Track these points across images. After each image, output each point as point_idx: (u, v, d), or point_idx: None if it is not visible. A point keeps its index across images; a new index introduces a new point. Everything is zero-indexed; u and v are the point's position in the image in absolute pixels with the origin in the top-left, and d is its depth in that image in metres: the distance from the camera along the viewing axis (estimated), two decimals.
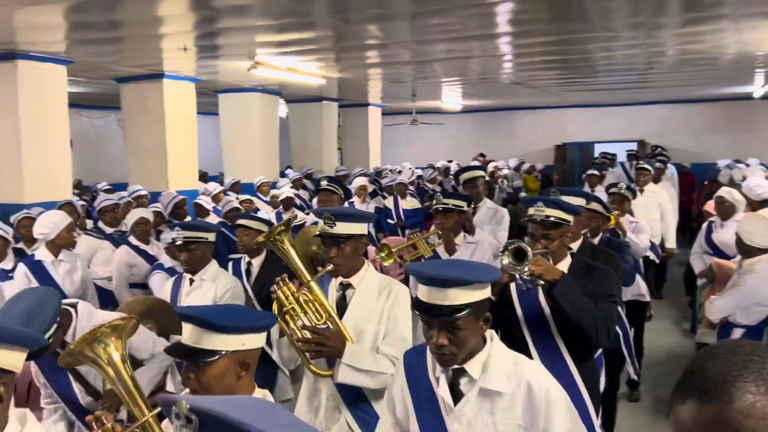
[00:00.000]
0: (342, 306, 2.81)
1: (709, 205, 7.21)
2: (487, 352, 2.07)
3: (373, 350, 2.70)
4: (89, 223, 7.08)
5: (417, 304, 2.02)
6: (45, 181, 7.16)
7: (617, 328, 4.24)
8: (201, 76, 9.24)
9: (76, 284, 4.80)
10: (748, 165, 10.59)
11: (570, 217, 2.84)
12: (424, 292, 2.00)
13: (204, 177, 12.01)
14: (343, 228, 2.72)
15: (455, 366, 2.03)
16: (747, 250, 3.99)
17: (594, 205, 3.82)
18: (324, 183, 5.33)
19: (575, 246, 3.43)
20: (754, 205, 5.95)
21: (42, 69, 7.12)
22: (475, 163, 14.45)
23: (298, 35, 6.58)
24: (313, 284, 2.75)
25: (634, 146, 16.10)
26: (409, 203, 9.20)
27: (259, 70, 7.68)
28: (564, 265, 2.86)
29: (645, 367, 6.18)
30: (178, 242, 3.79)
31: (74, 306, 3.14)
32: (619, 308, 3.47)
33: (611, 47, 7.85)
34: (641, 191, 7.03)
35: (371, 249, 5.92)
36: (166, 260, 5.06)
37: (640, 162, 8.06)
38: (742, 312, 3.92)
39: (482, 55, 8.32)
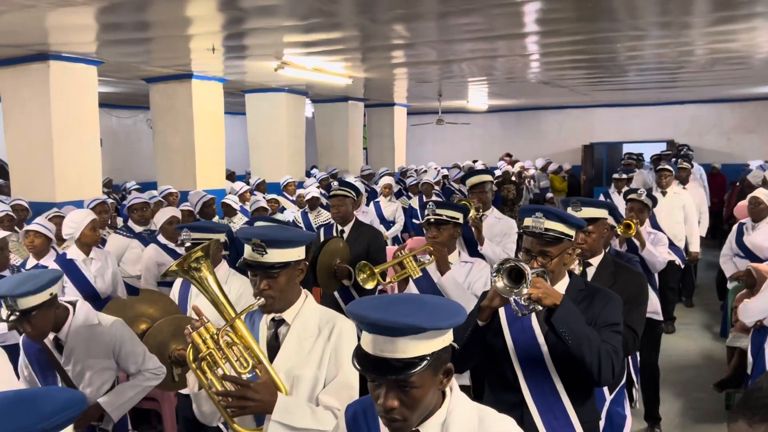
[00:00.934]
0: (274, 347, 2.37)
1: (738, 208, 7.08)
2: (447, 410, 1.70)
3: (311, 402, 2.29)
4: (119, 222, 7.19)
5: (359, 357, 1.60)
6: (76, 180, 7.28)
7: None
8: (228, 76, 9.31)
9: (108, 282, 4.87)
10: None
11: (572, 232, 2.49)
12: (368, 342, 1.58)
13: (231, 176, 12.11)
14: (276, 255, 2.29)
15: None
16: None
17: (610, 217, 3.50)
18: (335, 186, 5.12)
19: (596, 260, 3.22)
20: None
21: (73, 69, 7.24)
22: (501, 163, 14.38)
23: (325, 35, 6.59)
24: (238, 322, 2.29)
25: (663, 146, 15.90)
26: None
27: (285, 70, 7.72)
28: (561, 287, 2.51)
29: (675, 371, 6.09)
30: (187, 244, 3.74)
31: (73, 304, 3.17)
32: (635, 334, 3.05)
33: (640, 46, 7.74)
34: (664, 193, 6.86)
35: (390, 249, 5.90)
36: None
37: (661, 163, 7.92)
38: None
39: (509, 54, 8.26)
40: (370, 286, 3.48)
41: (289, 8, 5.40)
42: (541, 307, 2.30)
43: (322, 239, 4.88)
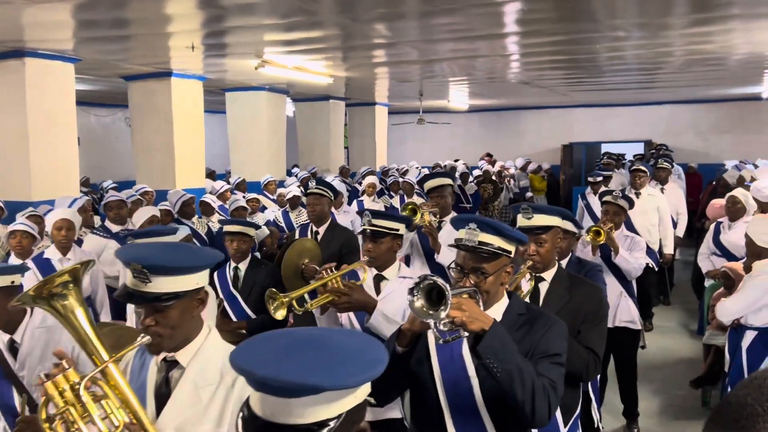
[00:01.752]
0: (164, 395, 1.93)
1: (710, 208, 7.17)
2: None
3: None
4: (96, 221, 7.10)
5: (245, 421, 1.19)
6: (52, 178, 7.18)
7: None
8: (208, 75, 9.25)
9: (84, 283, 4.79)
10: (756, 166, 10.53)
11: (511, 247, 2.21)
12: (256, 401, 1.19)
13: (211, 175, 12.03)
14: (163, 284, 1.83)
15: None
16: (757, 252, 3.96)
17: (566, 224, 3.13)
18: (312, 185, 5.04)
19: (550, 274, 2.93)
20: (763, 207, 5.92)
21: (50, 67, 7.13)
22: (482, 163, 14.44)
23: (306, 34, 6.57)
24: (112, 367, 1.80)
25: (641, 146, 16.08)
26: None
27: (266, 68, 7.69)
28: (498, 310, 2.23)
29: (653, 368, 6.16)
30: None
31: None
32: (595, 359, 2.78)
33: (618, 47, 7.81)
34: (638, 194, 6.79)
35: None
36: None
37: (635, 163, 7.87)
38: (754, 314, 3.90)
39: (490, 54, 8.30)
40: (279, 316, 2.85)
41: (270, 6, 5.37)
42: (467, 333, 2.01)
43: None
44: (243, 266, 4.40)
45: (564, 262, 3.45)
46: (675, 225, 7.52)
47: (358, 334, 1.56)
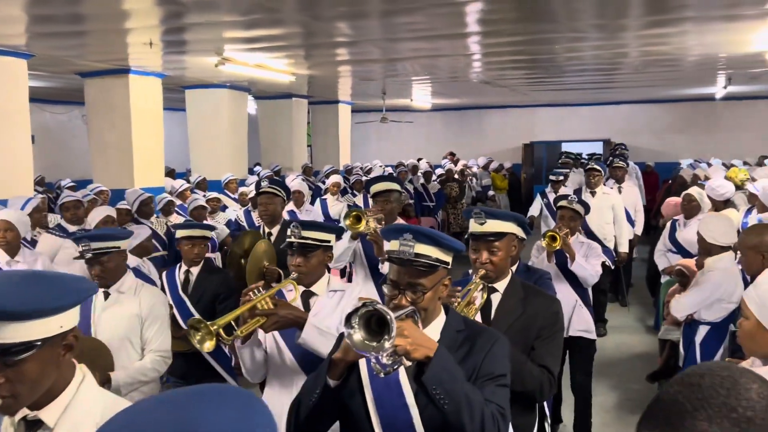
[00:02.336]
0: None
1: (664, 206, 7.34)
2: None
3: None
4: (52, 221, 6.93)
5: None
6: (5, 177, 6.98)
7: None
8: (168, 72, 9.10)
9: None
10: (710, 165, 10.81)
11: (449, 258, 2.03)
12: None
13: (171, 174, 11.84)
14: (14, 332, 1.48)
15: None
16: (708, 249, 4.08)
17: (518, 230, 2.87)
18: (265, 185, 4.91)
19: (503, 285, 2.72)
20: (717, 205, 6.08)
21: (1, 63, 6.93)
22: (445, 162, 14.52)
23: (267, 32, 6.52)
24: None
25: (599, 145, 16.38)
26: None
27: (226, 66, 7.60)
28: (435, 328, 2.03)
29: (610, 364, 6.28)
30: (88, 255, 3.29)
31: None
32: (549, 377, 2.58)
33: (577, 48, 7.94)
34: (593, 193, 6.86)
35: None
36: (131, 260, 4.95)
37: (590, 162, 7.89)
38: (707, 309, 4.00)
39: (451, 54, 8.35)
40: (207, 348, 2.45)
41: (230, 3, 5.32)
42: (409, 362, 1.82)
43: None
44: (195, 270, 4.25)
45: (513, 269, 3.28)
46: (633, 223, 7.65)
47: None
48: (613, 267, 6.90)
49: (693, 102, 16.14)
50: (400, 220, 4.50)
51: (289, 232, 2.91)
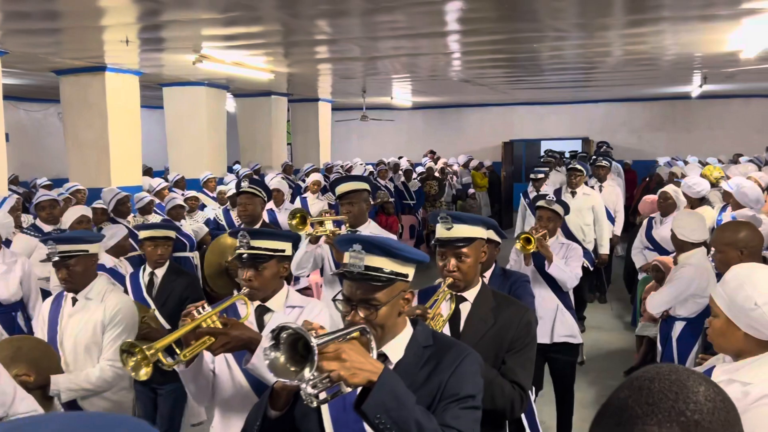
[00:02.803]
0: None
1: (642, 204, 7.41)
2: None
3: None
4: (26, 221, 6.82)
5: None
6: None
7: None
8: (145, 69, 9.01)
9: (12, 287, 4.52)
10: (687, 162, 10.94)
11: (408, 270, 1.86)
12: None
13: (149, 172, 11.73)
14: None
15: None
16: (680, 245, 4.16)
17: (490, 233, 2.71)
18: (245, 185, 4.79)
19: (472, 294, 2.53)
20: (693, 202, 6.15)
21: None
22: (425, 160, 14.54)
23: (245, 29, 6.47)
24: None
25: (578, 143, 16.51)
26: None
27: (204, 63, 7.54)
28: (399, 344, 1.88)
29: (589, 360, 6.33)
30: (54, 259, 3.17)
31: None
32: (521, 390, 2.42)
33: (556, 47, 7.99)
34: (573, 194, 6.83)
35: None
36: (108, 260, 4.90)
37: (571, 162, 7.89)
38: (681, 304, 4.06)
39: (431, 52, 8.36)
40: (143, 376, 2.10)
41: (208, 1, 5.27)
42: (348, 389, 1.60)
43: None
44: (160, 272, 4.12)
45: (488, 274, 3.21)
46: (613, 222, 7.68)
47: None
48: (592, 269, 6.87)
49: (670, 101, 16.33)
50: (371, 224, 4.21)
51: (238, 242, 2.63)
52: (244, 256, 2.62)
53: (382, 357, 1.85)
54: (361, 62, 9.11)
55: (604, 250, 6.92)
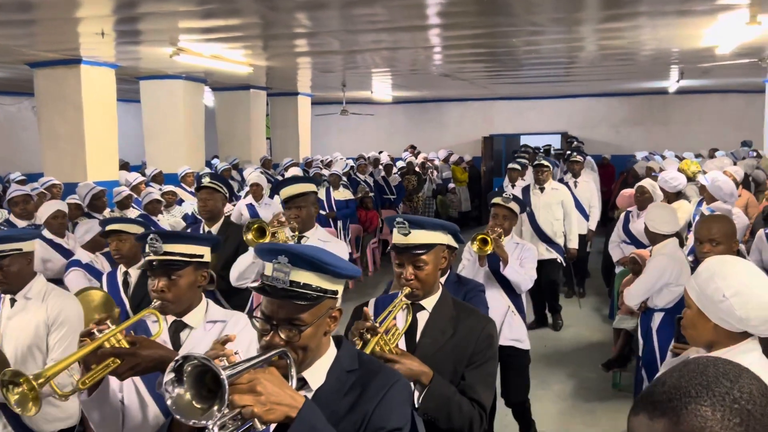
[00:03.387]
0: None
1: (620, 198, 7.48)
2: None
3: None
4: (0, 216, 6.72)
5: None
6: None
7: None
8: (121, 62, 8.88)
9: None
10: (664, 157, 11.06)
11: (335, 287, 1.65)
12: None
13: (125, 167, 11.59)
14: None
15: None
16: (653, 238, 4.26)
17: (449, 239, 2.52)
18: (205, 180, 4.65)
19: (431, 302, 2.36)
20: (669, 196, 6.22)
21: None
22: (406, 154, 14.53)
23: (223, 22, 6.41)
24: None
25: (557, 138, 16.61)
26: (342, 194, 9.19)
27: (181, 57, 7.45)
28: (321, 368, 1.68)
29: (567, 353, 6.39)
30: None
31: None
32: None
33: (535, 41, 8.02)
34: (542, 189, 6.82)
35: None
36: (83, 255, 4.84)
37: (537, 158, 7.70)
38: (658, 294, 4.11)
39: (411, 46, 8.35)
40: (31, 411, 1.84)
41: None
42: (262, 426, 1.40)
43: None
44: (134, 272, 4.00)
45: (442, 281, 2.97)
46: (587, 218, 7.70)
47: None
48: (564, 264, 6.93)
49: (648, 96, 16.50)
50: (319, 229, 3.93)
51: (147, 248, 2.32)
52: (155, 263, 2.30)
53: (302, 382, 1.66)
54: (341, 56, 9.07)
55: (573, 244, 6.91)
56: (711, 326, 1.95)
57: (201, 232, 4.56)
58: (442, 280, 2.98)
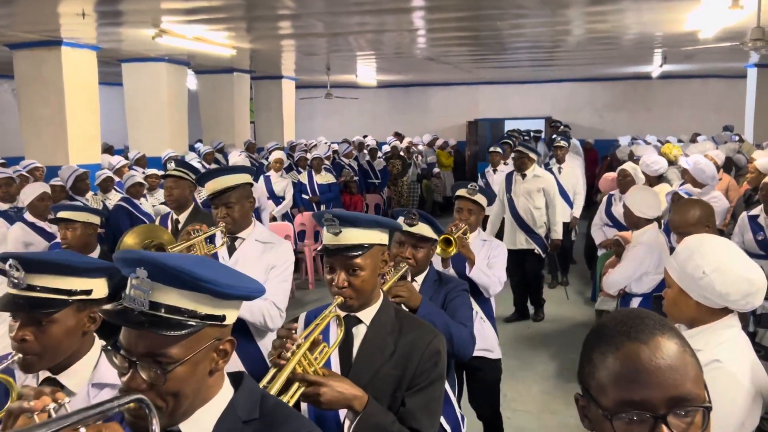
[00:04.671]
0: None
1: (602, 181, 7.53)
2: None
3: None
4: None
5: None
6: None
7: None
8: (103, 44, 8.77)
9: None
10: (648, 142, 11.13)
11: (225, 310, 1.28)
12: None
13: (109, 150, 11.49)
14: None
15: None
16: (635, 222, 4.19)
17: (386, 237, 2.11)
18: (170, 167, 4.48)
19: (369, 314, 2.01)
20: (651, 180, 6.28)
21: None
22: (390, 139, 14.49)
23: (206, 3, 6.35)
24: None
25: (541, 123, 16.67)
26: (324, 178, 9.17)
27: (164, 39, 7.37)
28: (203, 423, 1.29)
29: (550, 334, 6.47)
30: None
31: None
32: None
33: (520, 25, 8.02)
34: (523, 176, 6.49)
35: (280, 225, 5.30)
36: None
37: (515, 144, 7.38)
38: (637, 282, 4.14)
39: (396, 29, 8.32)
40: None
41: None
42: None
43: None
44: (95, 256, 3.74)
45: (420, 278, 2.78)
46: (571, 205, 7.53)
47: None
48: (544, 255, 6.66)
49: (631, 80, 16.58)
50: (257, 227, 3.27)
51: (7, 282, 1.74)
52: (17, 299, 1.70)
53: None
54: (325, 38, 9.02)
55: (557, 235, 6.55)
56: (693, 303, 1.98)
57: (168, 221, 4.40)
58: (420, 278, 2.74)
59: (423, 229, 2.73)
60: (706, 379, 1.80)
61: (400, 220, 2.69)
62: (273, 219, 8.20)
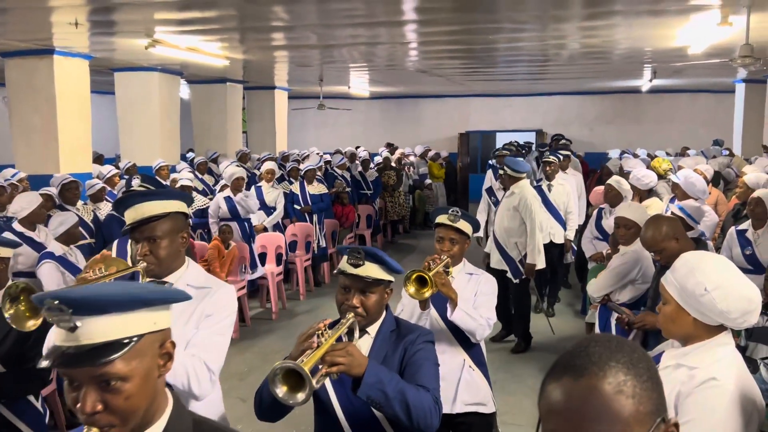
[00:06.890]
0: None
1: (593, 195, 7.56)
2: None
3: None
4: None
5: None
6: None
7: None
8: (95, 53, 8.77)
9: None
10: (637, 155, 11.20)
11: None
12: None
13: (99, 159, 11.45)
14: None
15: None
16: (626, 238, 4.27)
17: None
18: (135, 183, 4.32)
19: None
20: (641, 194, 6.30)
21: None
22: (382, 150, 14.51)
23: (200, 14, 6.36)
24: None
25: (532, 136, 16.77)
26: (317, 188, 9.17)
27: (157, 49, 7.38)
28: None
29: (542, 346, 6.47)
30: None
31: None
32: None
33: (512, 38, 8.09)
34: (505, 190, 6.31)
35: (269, 236, 5.32)
36: (57, 248, 4.79)
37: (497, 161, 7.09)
38: (621, 290, 4.21)
39: (389, 42, 8.36)
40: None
41: None
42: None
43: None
44: None
45: (373, 329, 2.31)
46: (564, 226, 7.21)
47: None
48: (515, 280, 6.14)
49: (621, 94, 16.73)
50: (191, 266, 2.53)
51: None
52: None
53: None
54: (318, 50, 9.06)
55: (529, 259, 5.99)
56: (690, 320, 1.97)
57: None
58: (373, 329, 2.30)
59: (370, 269, 2.21)
60: (702, 396, 1.82)
61: (344, 259, 2.25)
62: (264, 229, 8.19)
